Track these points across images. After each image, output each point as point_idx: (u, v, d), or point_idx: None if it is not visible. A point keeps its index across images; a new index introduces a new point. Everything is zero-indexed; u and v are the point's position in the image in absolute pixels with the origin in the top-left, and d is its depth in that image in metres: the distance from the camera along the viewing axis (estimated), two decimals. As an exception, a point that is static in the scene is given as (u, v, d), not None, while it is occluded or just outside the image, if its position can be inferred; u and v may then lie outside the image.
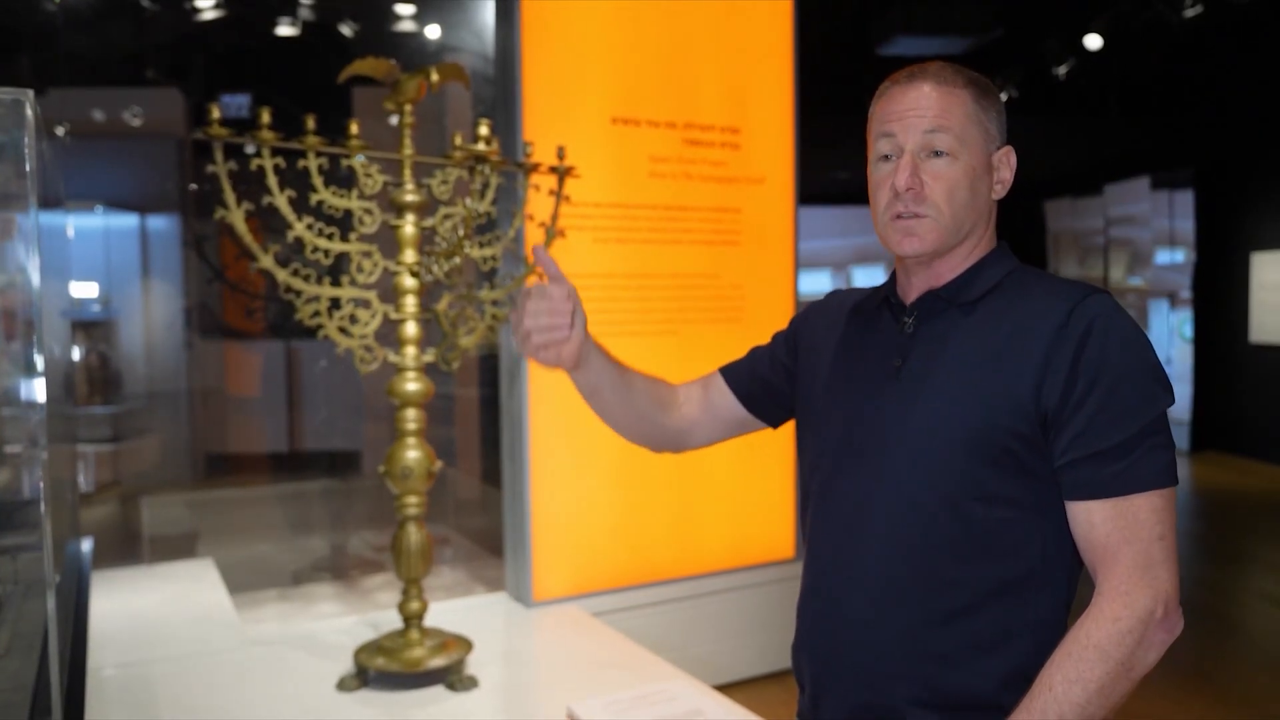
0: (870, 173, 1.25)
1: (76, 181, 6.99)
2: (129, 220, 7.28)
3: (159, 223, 7.13)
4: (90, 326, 6.88)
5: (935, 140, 1.19)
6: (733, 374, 1.50)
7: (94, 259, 7.05)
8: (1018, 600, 1.15)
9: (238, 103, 6.81)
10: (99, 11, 5.90)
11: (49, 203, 1.95)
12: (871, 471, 1.20)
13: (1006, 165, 1.26)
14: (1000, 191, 1.26)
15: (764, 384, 1.45)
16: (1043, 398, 1.12)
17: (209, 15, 5.32)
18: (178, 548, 4.53)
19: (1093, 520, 1.11)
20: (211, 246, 6.75)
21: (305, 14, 5.12)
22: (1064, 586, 1.17)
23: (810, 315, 1.44)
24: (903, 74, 1.24)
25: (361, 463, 5.74)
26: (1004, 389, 1.13)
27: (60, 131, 5.81)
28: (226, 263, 6.96)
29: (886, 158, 1.22)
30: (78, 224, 7.24)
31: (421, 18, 4.88)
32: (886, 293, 1.30)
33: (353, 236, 2.40)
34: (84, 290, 7.04)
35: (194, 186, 6.99)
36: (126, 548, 4.63)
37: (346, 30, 5.10)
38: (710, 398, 1.49)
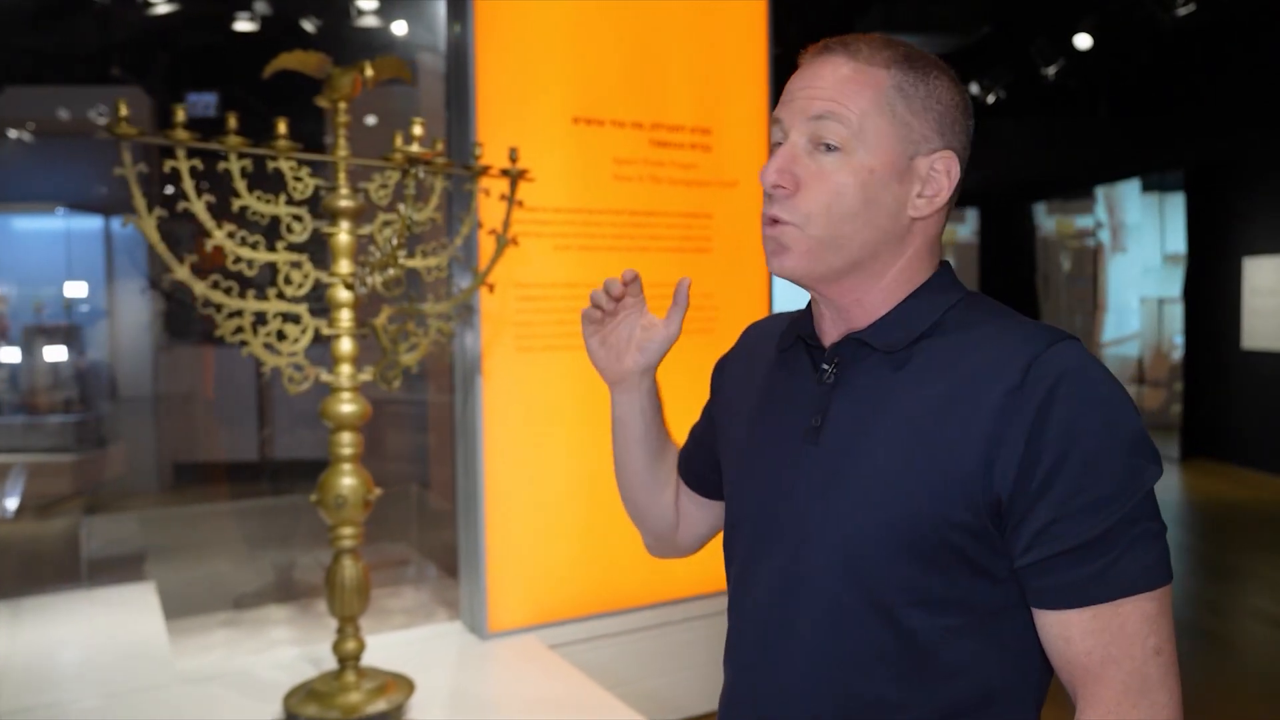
0: None
1: (36, 182, 6.78)
2: (93, 222, 7.07)
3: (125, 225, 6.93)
4: (51, 332, 6.67)
5: (823, 129, 0.93)
6: (683, 468, 1.27)
7: (55, 262, 6.84)
8: None
9: (204, 101, 6.60)
10: (60, 7, 5.68)
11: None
12: (791, 561, 0.97)
13: (944, 176, 0.97)
14: (923, 208, 0.97)
15: (712, 473, 1.23)
16: (994, 481, 0.88)
17: (171, 11, 5.11)
18: (125, 568, 4.32)
19: (1069, 634, 0.88)
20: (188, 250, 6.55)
21: (267, 10, 4.92)
22: (1031, 704, 0.95)
23: (726, 365, 1.23)
24: (818, 44, 1.00)
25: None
26: (943, 470, 0.89)
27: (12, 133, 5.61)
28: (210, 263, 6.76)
29: (778, 145, 0.98)
30: (37, 226, 7.03)
31: (385, 13, 4.69)
32: (801, 330, 1.06)
33: (280, 245, 2.21)
34: (47, 294, 6.82)
35: (169, 189, 6.80)
36: (68, 569, 4.41)
37: (309, 26, 4.91)
38: (679, 499, 1.27)
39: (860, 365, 0.98)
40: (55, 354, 6.56)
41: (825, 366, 1.01)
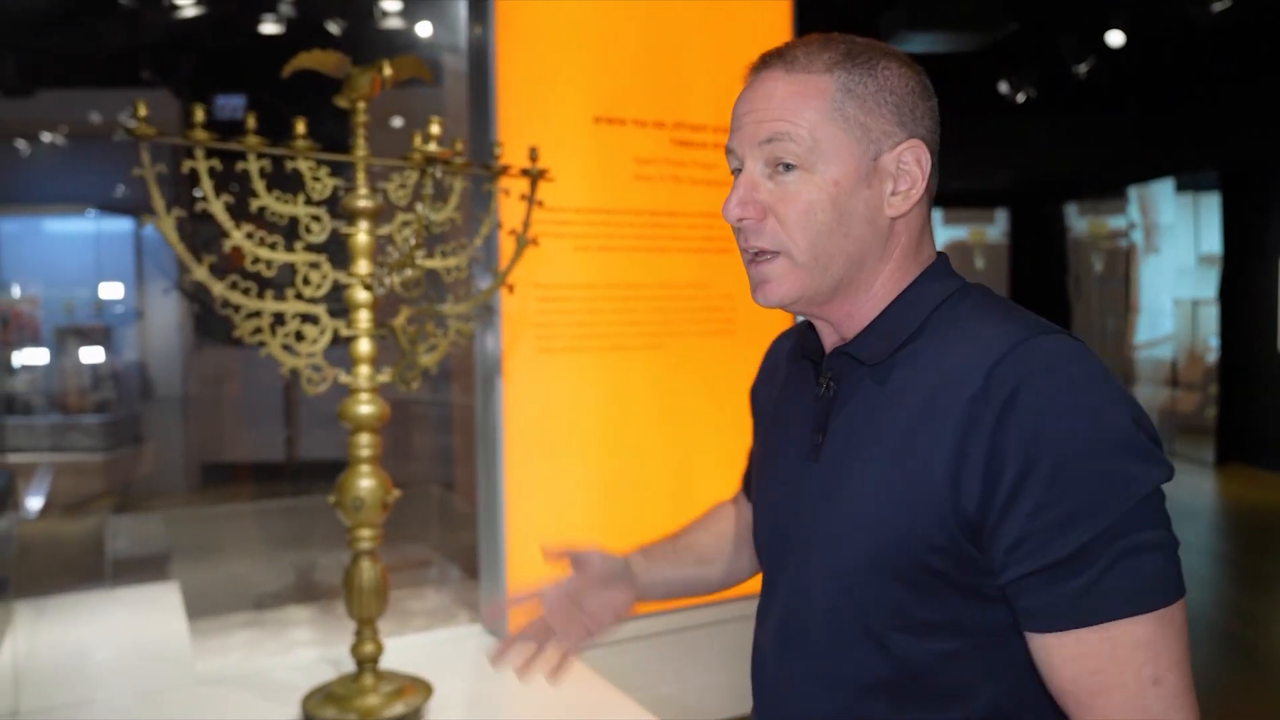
0: None
1: (67, 184, 6.86)
2: (123, 224, 7.15)
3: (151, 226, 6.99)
4: (82, 333, 6.74)
5: (777, 150, 0.90)
6: (747, 488, 1.28)
7: (85, 263, 6.92)
8: None
9: (233, 104, 6.64)
10: (90, 10, 5.73)
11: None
12: (797, 581, 0.95)
13: (915, 166, 0.91)
14: (900, 204, 0.91)
15: None
16: (962, 497, 0.81)
17: (199, 14, 5.14)
18: (150, 567, 4.35)
19: (1051, 660, 0.80)
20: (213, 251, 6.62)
21: (293, 12, 4.95)
22: None
23: (757, 388, 1.22)
24: (756, 62, 0.97)
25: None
26: (915, 489, 0.83)
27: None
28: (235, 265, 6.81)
29: (738, 171, 0.95)
30: (68, 228, 7.11)
31: (409, 14, 4.70)
32: (805, 342, 1.03)
33: (299, 246, 2.21)
34: (78, 295, 6.91)
35: (198, 190, 6.86)
36: (93, 568, 4.45)
37: (334, 28, 4.93)
38: (746, 525, 1.29)
39: (850, 378, 0.94)
40: (86, 354, 6.64)
41: (823, 379, 0.98)
